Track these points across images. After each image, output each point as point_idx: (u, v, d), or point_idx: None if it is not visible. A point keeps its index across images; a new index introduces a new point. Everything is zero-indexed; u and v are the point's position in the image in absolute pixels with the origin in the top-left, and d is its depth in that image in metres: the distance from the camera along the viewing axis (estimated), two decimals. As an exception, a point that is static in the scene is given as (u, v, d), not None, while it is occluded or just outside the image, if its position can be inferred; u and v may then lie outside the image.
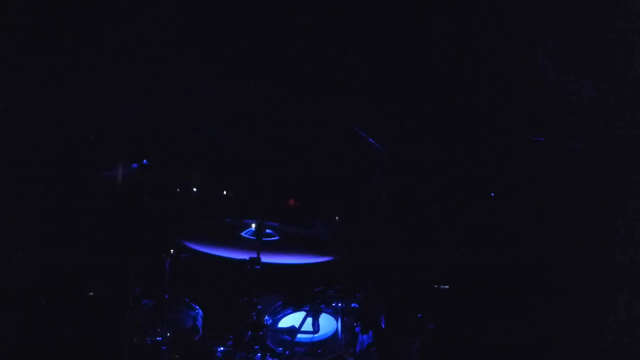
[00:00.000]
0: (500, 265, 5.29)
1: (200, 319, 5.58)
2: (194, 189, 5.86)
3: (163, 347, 5.28)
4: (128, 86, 5.68)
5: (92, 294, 5.44)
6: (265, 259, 5.34)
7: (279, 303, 5.65)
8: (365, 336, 5.45)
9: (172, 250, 5.37)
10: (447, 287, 5.64)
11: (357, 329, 5.45)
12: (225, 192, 6.04)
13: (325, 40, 5.82)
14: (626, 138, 5.37)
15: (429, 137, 5.93)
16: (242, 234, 5.54)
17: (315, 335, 5.53)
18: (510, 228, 5.41)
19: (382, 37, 5.82)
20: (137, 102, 5.77)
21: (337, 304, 5.54)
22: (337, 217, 5.85)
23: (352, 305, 5.52)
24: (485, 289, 5.32)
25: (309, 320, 5.49)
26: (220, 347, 5.39)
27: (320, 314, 5.54)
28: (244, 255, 5.34)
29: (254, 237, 5.42)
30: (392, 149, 5.78)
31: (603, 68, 5.50)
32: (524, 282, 5.35)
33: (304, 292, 5.65)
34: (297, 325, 5.45)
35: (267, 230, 5.48)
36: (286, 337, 5.50)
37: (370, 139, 5.67)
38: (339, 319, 5.55)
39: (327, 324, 5.59)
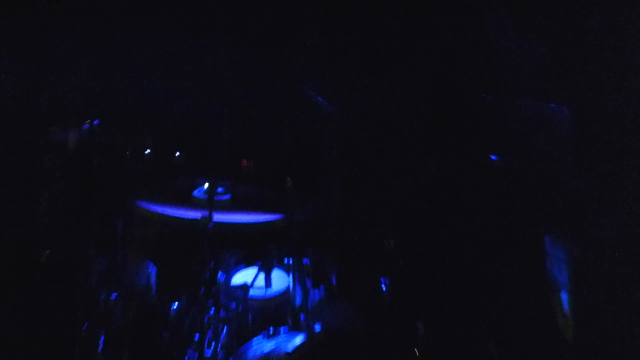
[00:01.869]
0: (448, 226, 5.41)
1: (153, 276, 5.60)
2: (146, 151, 5.81)
3: (118, 304, 5.30)
4: (80, 50, 5.64)
5: (48, 251, 5.43)
6: (218, 217, 5.37)
7: (232, 260, 5.69)
8: (315, 291, 5.58)
9: (125, 211, 5.40)
10: (395, 242, 5.66)
11: (308, 285, 5.57)
12: (177, 154, 6.03)
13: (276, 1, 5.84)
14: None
15: (380, 96, 5.96)
16: (194, 193, 5.56)
17: (268, 291, 5.61)
18: (461, 189, 5.54)
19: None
20: (89, 65, 5.74)
21: (288, 261, 5.64)
22: (288, 177, 5.85)
23: (304, 261, 5.61)
24: (434, 247, 5.46)
25: (262, 276, 5.58)
26: (174, 303, 5.44)
27: (272, 270, 5.64)
28: (197, 215, 5.37)
29: (206, 197, 5.45)
30: (343, 108, 5.87)
31: (554, 28, 5.53)
32: (470, 243, 5.46)
33: (257, 249, 5.71)
34: (249, 282, 5.53)
35: (219, 190, 5.52)
36: (239, 293, 5.51)
37: (320, 99, 5.78)
38: (291, 274, 5.61)
39: (279, 279, 5.68)
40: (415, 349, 5.29)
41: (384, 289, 5.53)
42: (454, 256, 5.41)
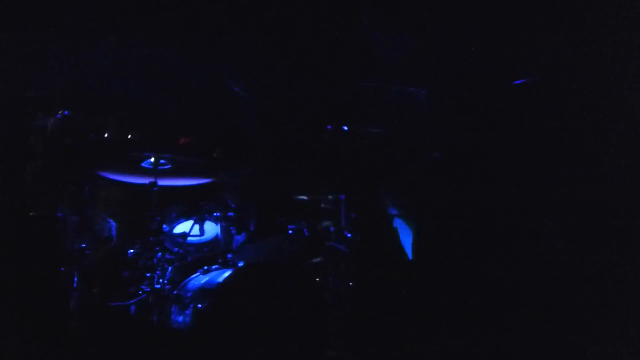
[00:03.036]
0: (338, 182, 5.97)
1: (114, 229, 6.11)
2: (107, 134, 6.20)
3: (87, 252, 5.78)
4: (56, 53, 6.08)
5: (32, 213, 5.79)
6: (161, 182, 5.82)
7: (174, 215, 6.11)
8: (239, 236, 6.10)
9: (90, 179, 5.83)
10: (304, 197, 6.18)
11: (233, 232, 6.06)
12: (130, 135, 6.43)
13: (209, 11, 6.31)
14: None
15: (286, 84, 6.58)
16: (143, 164, 5.93)
17: (202, 237, 6.08)
18: (354, 158, 6.14)
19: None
20: (64, 66, 6.18)
21: (217, 214, 6.04)
22: (218, 149, 6.40)
23: (229, 214, 6.03)
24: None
25: (197, 226, 6.03)
26: (130, 249, 5.89)
27: (205, 221, 6.06)
28: (145, 180, 5.81)
29: (152, 167, 5.86)
30: (259, 95, 6.51)
31: (423, 22, 6.05)
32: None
33: (192, 206, 6.11)
34: (187, 231, 5.99)
35: (162, 161, 5.90)
36: (180, 240, 6.01)
37: (237, 89, 6.38)
38: (219, 224, 6.08)
39: (211, 228, 6.11)
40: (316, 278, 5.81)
41: (290, 232, 6.13)
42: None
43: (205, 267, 5.88)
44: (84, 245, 5.76)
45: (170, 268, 5.93)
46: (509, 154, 5.63)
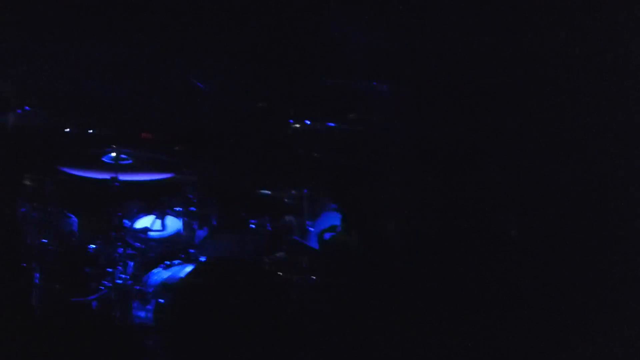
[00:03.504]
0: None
1: (75, 225, 6.07)
2: (67, 129, 6.15)
3: (49, 247, 5.80)
4: (17, 51, 6.06)
5: None
6: (123, 177, 5.85)
7: (135, 210, 6.11)
8: (201, 231, 6.08)
9: (51, 174, 5.84)
10: (267, 192, 6.29)
11: (195, 226, 6.06)
12: (91, 130, 6.35)
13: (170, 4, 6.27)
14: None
15: (246, 79, 6.55)
16: (104, 159, 5.94)
17: (163, 232, 6.10)
18: (312, 146, 6.14)
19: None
20: (25, 64, 6.15)
21: (179, 208, 6.08)
22: (180, 144, 6.38)
23: (190, 208, 6.04)
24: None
25: (158, 221, 6.07)
26: (91, 245, 5.95)
27: (167, 216, 6.10)
28: (107, 176, 5.84)
29: (113, 162, 5.88)
30: (219, 91, 6.48)
31: (387, 17, 6.00)
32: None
33: (154, 200, 6.15)
34: (148, 226, 6.03)
35: (123, 156, 5.92)
36: (141, 235, 6.03)
37: (198, 83, 6.37)
38: (181, 219, 6.09)
39: (172, 223, 6.13)
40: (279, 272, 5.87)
41: (252, 227, 6.14)
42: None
43: (167, 262, 5.94)
44: (45, 241, 5.80)
45: (131, 263, 5.97)
46: (476, 147, 5.68)
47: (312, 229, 6.06)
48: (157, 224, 6.08)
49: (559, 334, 5.01)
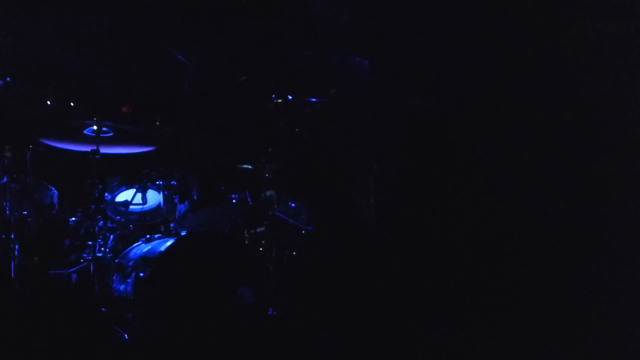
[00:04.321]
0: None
1: (55, 197, 6.05)
2: (48, 102, 6.09)
3: (29, 219, 5.79)
4: None
5: None
6: (103, 150, 5.86)
7: (115, 182, 6.10)
8: (181, 205, 6.10)
9: (31, 146, 5.78)
10: (248, 166, 6.22)
11: (175, 200, 6.09)
12: (72, 103, 6.42)
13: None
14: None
15: (227, 54, 6.69)
16: (85, 132, 5.96)
17: (144, 206, 6.10)
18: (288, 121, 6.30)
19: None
20: (5, 36, 6.26)
21: (159, 182, 6.09)
22: (160, 117, 6.35)
23: (171, 182, 6.07)
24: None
25: (139, 194, 6.05)
26: (71, 218, 5.98)
27: (147, 189, 6.09)
28: (87, 148, 5.84)
29: (94, 134, 5.88)
30: (199, 64, 6.60)
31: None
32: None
33: (134, 174, 6.13)
34: (129, 199, 6.02)
35: (104, 129, 5.93)
36: (121, 208, 6.04)
37: (180, 57, 6.43)
38: (162, 193, 6.10)
39: (153, 197, 6.13)
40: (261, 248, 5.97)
41: (233, 202, 6.17)
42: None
43: (148, 236, 5.95)
44: (25, 212, 5.77)
45: (112, 237, 6.00)
46: (453, 125, 5.77)
47: (293, 204, 6.15)
48: (138, 198, 6.06)
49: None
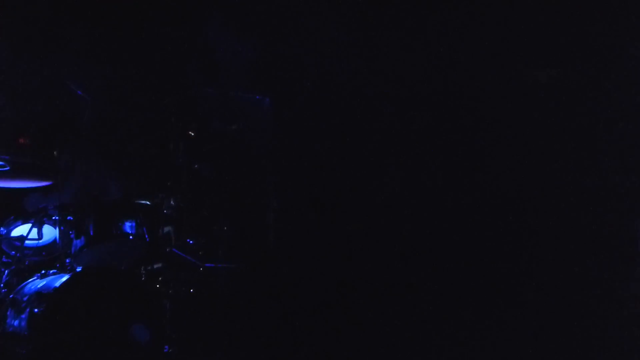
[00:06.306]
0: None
1: None
2: None
3: None
4: None
5: None
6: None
7: (11, 217, 6.08)
8: (78, 241, 5.99)
9: None
10: (146, 202, 6.27)
11: (71, 235, 5.98)
12: None
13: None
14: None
15: (128, 88, 6.68)
16: None
17: (40, 241, 6.06)
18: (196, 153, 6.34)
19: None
20: None
21: (56, 217, 6.03)
22: (58, 150, 6.26)
23: (68, 217, 5.98)
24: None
25: (35, 229, 6.00)
26: None
27: (43, 224, 6.06)
28: None
29: None
30: (98, 97, 6.54)
31: (261, 32, 6.28)
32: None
33: (30, 208, 6.13)
34: (25, 234, 5.97)
35: (0, 163, 5.85)
36: (17, 243, 5.98)
37: (79, 91, 6.39)
38: (58, 228, 6.03)
39: (49, 232, 6.10)
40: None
41: (130, 237, 6.03)
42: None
43: (43, 272, 5.86)
44: None
45: (6, 271, 5.95)
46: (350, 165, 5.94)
47: (190, 241, 6.12)
48: (34, 232, 6.02)
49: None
